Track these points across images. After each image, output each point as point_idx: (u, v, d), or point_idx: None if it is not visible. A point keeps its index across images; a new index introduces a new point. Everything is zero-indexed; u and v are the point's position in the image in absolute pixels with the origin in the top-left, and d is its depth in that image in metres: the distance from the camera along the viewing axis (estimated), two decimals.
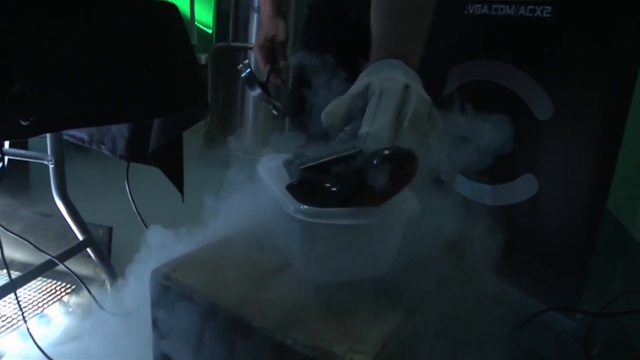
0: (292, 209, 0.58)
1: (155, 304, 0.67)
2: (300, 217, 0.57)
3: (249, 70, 1.27)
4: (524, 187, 1.52)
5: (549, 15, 1.40)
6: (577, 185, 1.39)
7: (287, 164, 0.67)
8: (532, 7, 1.42)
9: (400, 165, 0.57)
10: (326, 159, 0.62)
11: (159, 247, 0.86)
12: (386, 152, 0.57)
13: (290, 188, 0.62)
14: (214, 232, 0.77)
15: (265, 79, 1.33)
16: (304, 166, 0.62)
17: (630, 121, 1.28)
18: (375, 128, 0.63)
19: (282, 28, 1.32)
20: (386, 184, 0.57)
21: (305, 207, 0.58)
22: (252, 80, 1.28)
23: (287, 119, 1.64)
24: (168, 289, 0.65)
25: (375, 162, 0.57)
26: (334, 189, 0.60)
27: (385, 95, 0.66)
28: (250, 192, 0.77)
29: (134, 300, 0.93)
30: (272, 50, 1.34)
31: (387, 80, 0.69)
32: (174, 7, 1.21)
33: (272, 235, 0.72)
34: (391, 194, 0.58)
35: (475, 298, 1.01)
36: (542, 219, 1.49)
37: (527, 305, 1.48)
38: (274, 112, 1.39)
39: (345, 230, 0.59)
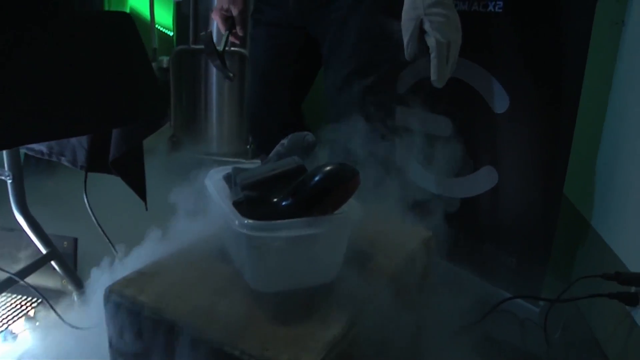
0: (237, 223, 0.59)
1: (109, 322, 0.68)
2: (245, 231, 0.59)
3: (209, 41, 1.34)
4: (484, 179, 1.55)
5: (501, 10, 1.43)
6: (535, 174, 1.43)
7: (227, 179, 0.68)
8: (484, 2, 1.45)
9: (343, 182, 0.59)
10: (268, 174, 0.64)
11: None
12: (329, 168, 0.59)
13: (236, 204, 0.63)
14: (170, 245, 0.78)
15: (222, 47, 1.40)
16: (246, 182, 0.63)
17: (581, 109, 1.31)
18: None
19: None
20: (330, 198, 0.59)
21: (250, 221, 0.59)
22: (211, 51, 1.37)
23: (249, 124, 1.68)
24: (120, 306, 0.65)
25: (318, 178, 0.59)
26: (284, 203, 0.62)
27: None
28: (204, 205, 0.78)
29: (98, 313, 0.93)
30: (229, 17, 1.41)
31: None
32: (127, 17, 1.20)
33: (223, 246, 0.73)
34: (335, 207, 0.60)
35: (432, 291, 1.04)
36: (503, 209, 1.52)
37: (491, 294, 1.52)
38: (227, 79, 1.47)
39: (290, 241, 0.60)
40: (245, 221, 0.59)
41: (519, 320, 1.48)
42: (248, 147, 2.79)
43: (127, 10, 3.26)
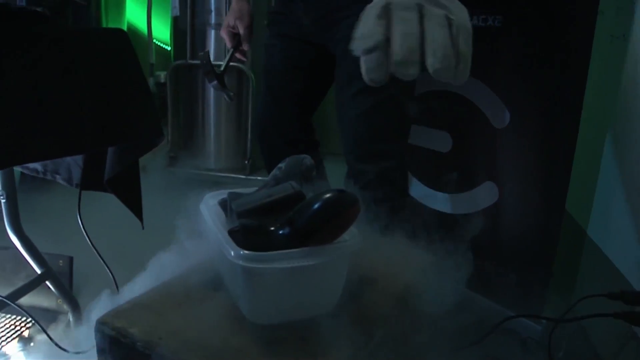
0: (233, 254, 0.57)
1: (100, 354, 0.66)
2: (241, 262, 0.57)
3: (206, 61, 1.35)
4: (484, 195, 1.53)
5: (500, 25, 1.42)
6: (536, 190, 1.41)
7: (223, 205, 0.66)
8: (484, 17, 1.44)
9: (342, 210, 0.57)
10: (264, 201, 0.62)
11: None
12: (327, 195, 0.57)
13: (232, 233, 0.61)
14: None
15: (225, 65, 1.42)
16: (242, 209, 0.61)
17: (582, 124, 1.30)
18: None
19: (246, 12, 1.41)
20: (329, 228, 0.57)
21: (246, 252, 0.57)
22: (209, 71, 1.37)
23: (249, 138, 1.67)
24: (112, 338, 0.63)
25: (316, 206, 0.57)
26: (281, 232, 0.60)
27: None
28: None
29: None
30: (237, 34, 1.42)
31: None
32: (122, 34, 1.19)
33: (219, 275, 0.71)
34: (334, 236, 0.58)
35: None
36: (504, 225, 1.51)
37: (493, 312, 1.50)
38: (227, 99, 1.48)
39: (287, 272, 0.58)
40: (241, 252, 0.57)
41: (520, 338, 1.46)
42: (246, 162, 2.78)
43: (125, 25, 3.26)
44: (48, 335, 1.18)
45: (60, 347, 1.14)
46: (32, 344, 1.38)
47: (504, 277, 1.52)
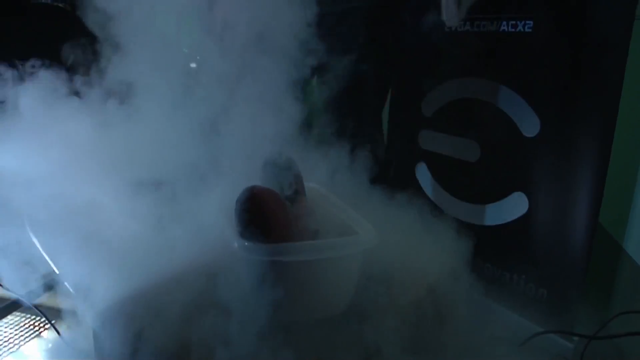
0: (236, 245, 0.55)
1: (98, 350, 0.63)
2: (244, 253, 0.54)
3: None
4: (513, 206, 1.48)
5: (530, 30, 1.38)
6: (568, 201, 1.35)
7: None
8: (513, 22, 1.40)
9: None
10: None
11: None
12: None
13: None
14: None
15: None
16: None
17: (618, 133, 1.24)
18: None
19: None
20: None
21: (249, 243, 0.54)
22: None
23: None
24: (110, 334, 0.61)
25: None
26: None
27: None
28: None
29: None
30: None
31: None
32: None
33: (220, 270, 0.68)
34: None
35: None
36: (534, 237, 1.45)
37: (521, 327, 1.44)
38: None
39: (294, 267, 0.55)
40: (245, 242, 0.54)
41: (550, 356, 1.39)
42: None
43: None
44: (62, 338, 1.17)
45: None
46: (50, 345, 1.38)
47: (533, 292, 1.46)
